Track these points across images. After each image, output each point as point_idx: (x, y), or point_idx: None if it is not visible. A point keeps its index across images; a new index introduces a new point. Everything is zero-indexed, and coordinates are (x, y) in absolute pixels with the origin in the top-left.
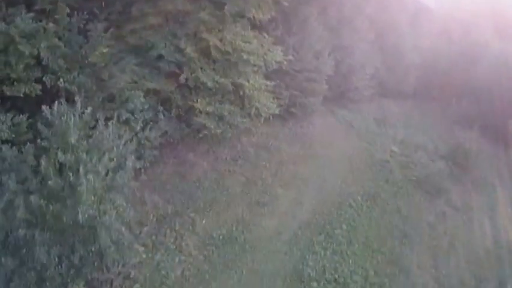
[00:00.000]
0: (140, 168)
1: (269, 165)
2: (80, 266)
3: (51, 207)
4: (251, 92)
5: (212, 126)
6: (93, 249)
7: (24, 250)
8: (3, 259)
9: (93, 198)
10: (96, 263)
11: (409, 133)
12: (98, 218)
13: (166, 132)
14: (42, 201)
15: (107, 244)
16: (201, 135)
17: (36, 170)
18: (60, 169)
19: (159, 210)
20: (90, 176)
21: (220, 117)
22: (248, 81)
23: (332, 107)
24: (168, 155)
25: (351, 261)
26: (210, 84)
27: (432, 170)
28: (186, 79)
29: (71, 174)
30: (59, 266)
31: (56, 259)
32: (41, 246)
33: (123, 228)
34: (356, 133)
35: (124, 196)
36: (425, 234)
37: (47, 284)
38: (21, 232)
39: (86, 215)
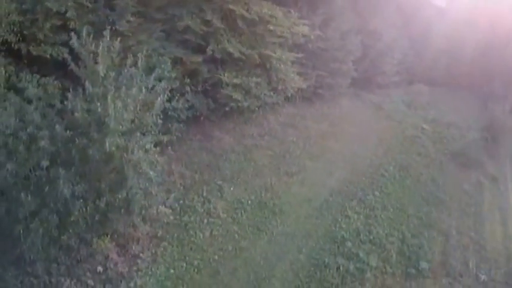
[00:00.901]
0: (167, 142)
1: (296, 140)
2: (106, 211)
3: (77, 140)
4: (278, 64)
5: (239, 98)
6: (120, 196)
7: (47, 188)
8: (23, 195)
9: (121, 128)
10: (123, 211)
11: (440, 113)
12: (125, 154)
13: (193, 105)
14: (67, 132)
15: (134, 190)
16: (227, 108)
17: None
18: (87, 102)
19: (186, 179)
20: (119, 105)
21: (247, 91)
22: (275, 52)
23: (359, 92)
24: (194, 131)
25: (385, 224)
26: (236, 55)
27: (466, 143)
28: (213, 50)
29: (98, 104)
30: (84, 209)
31: (81, 201)
32: (65, 182)
33: (151, 173)
34: (385, 113)
35: (150, 140)
36: (462, 202)
37: (69, 230)
38: (44, 164)
39: (114, 147)
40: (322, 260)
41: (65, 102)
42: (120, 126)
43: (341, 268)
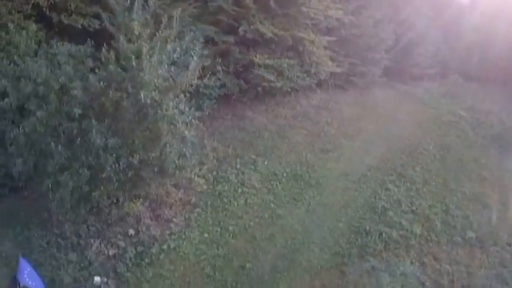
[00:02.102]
0: (199, 118)
1: (331, 122)
2: (139, 168)
3: (110, 93)
4: (311, 47)
5: (272, 79)
6: (153, 154)
7: (79, 140)
8: (53, 146)
9: (156, 82)
10: (156, 169)
11: (477, 102)
12: (159, 110)
13: (224, 85)
14: (101, 83)
15: (168, 149)
16: (259, 89)
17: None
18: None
19: (219, 153)
20: (153, 61)
21: (280, 72)
22: (308, 35)
23: (392, 82)
24: (226, 111)
25: (428, 197)
26: (269, 35)
27: (505, 128)
28: (245, 31)
29: (133, 57)
30: (116, 165)
31: (114, 156)
32: (97, 133)
33: (186, 132)
34: (420, 101)
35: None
36: (505, 179)
37: (101, 187)
38: (77, 112)
39: (148, 100)
40: (363, 228)
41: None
42: (155, 80)
43: (383, 235)
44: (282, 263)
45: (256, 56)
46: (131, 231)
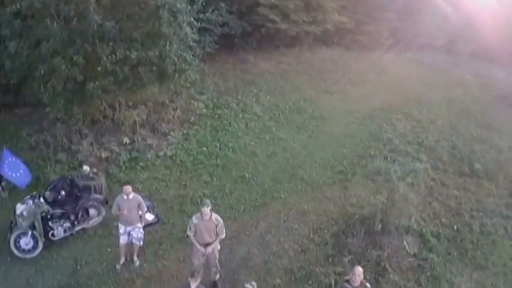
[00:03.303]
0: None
1: (336, 70)
2: (137, 65)
3: None
4: None
5: (276, 20)
6: (152, 53)
7: (75, 20)
8: (48, 21)
9: None
10: (155, 69)
11: (484, 69)
12: None
13: (227, 23)
14: None
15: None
16: (263, 30)
17: None
18: None
19: (220, 87)
20: None
21: (285, 15)
22: None
23: (399, 47)
24: (228, 56)
25: (434, 134)
26: None
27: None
28: None
29: None
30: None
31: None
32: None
33: (188, 29)
34: (426, 65)
35: None
36: None
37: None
38: None
39: None
40: (368, 153)
41: None
42: None
43: (389, 158)
44: (283, 175)
45: None
46: (126, 140)
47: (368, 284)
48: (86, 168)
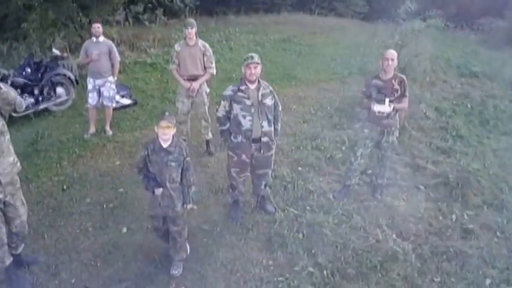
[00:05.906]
0: None
1: (320, 25)
2: None
3: None
4: None
5: None
6: None
7: None
8: None
9: None
10: None
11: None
12: None
13: None
14: None
15: None
16: None
17: None
18: None
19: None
20: None
21: None
22: None
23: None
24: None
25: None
26: None
27: None
28: None
29: None
30: None
31: None
32: None
33: None
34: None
35: None
36: None
37: None
38: None
39: None
40: (363, 63)
41: None
42: None
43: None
44: (274, 76)
45: None
46: None
47: (403, 76)
48: (55, 50)
